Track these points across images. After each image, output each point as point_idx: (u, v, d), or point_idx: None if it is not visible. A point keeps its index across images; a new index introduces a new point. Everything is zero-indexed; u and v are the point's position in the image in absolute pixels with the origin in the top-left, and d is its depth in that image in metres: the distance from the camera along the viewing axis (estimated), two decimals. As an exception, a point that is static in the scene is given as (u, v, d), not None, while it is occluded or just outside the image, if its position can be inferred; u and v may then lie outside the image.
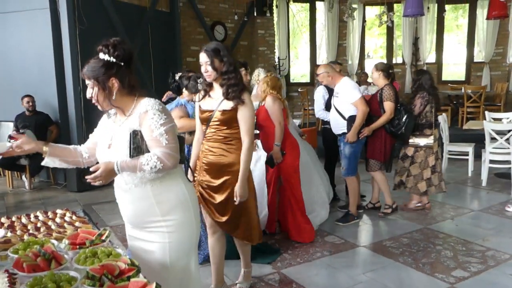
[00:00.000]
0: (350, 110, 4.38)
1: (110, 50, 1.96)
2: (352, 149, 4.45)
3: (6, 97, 6.87)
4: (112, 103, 1.98)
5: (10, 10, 6.46)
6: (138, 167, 1.89)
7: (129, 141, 1.93)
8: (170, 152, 1.92)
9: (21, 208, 5.51)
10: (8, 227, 2.35)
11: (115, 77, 1.94)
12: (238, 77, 2.71)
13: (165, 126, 1.93)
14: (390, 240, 4.13)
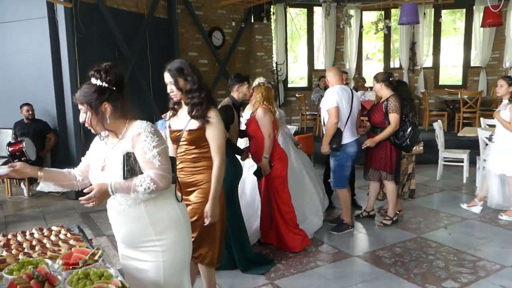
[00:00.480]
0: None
1: (102, 75, 2.00)
2: (336, 162, 4.46)
3: (5, 104, 6.93)
4: (106, 126, 2.02)
5: (9, 20, 6.53)
6: (132, 188, 1.94)
7: (123, 163, 1.98)
8: (163, 174, 1.98)
9: (19, 217, 5.56)
10: (4, 245, 2.40)
11: (107, 102, 1.99)
12: (202, 95, 2.63)
13: (158, 148, 1.98)
14: (383, 249, 4.18)
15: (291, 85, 13.11)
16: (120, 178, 1.98)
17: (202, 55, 9.50)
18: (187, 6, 9.03)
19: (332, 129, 4.32)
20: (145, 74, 7.87)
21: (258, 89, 4.13)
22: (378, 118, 4.60)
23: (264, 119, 3.93)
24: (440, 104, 10.52)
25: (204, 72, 9.49)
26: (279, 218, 4.11)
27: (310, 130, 9.64)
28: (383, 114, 4.55)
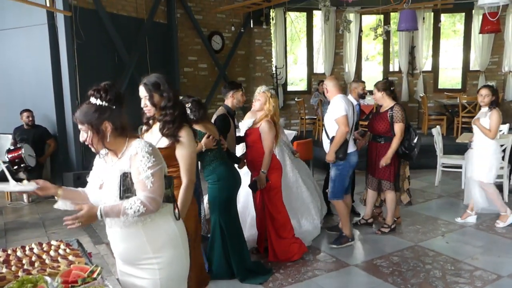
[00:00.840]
0: (334, 130, 4.28)
1: (102, 94, 2.01)
2: (338, 171, 4.37)
3: (5, 110, 6.97)
4: (106, 145, 2.04)
5: (9, 27, 6.56)
6: (121, 212, 1.95)
7: (119, 183, 2.00)
8: (153, 196, 1.99)
9: (19, 224, 5.58)
10: (4, 261, 2.43)
11: (108, 121, 2.00)
12: (175, 113, 2.57)
13: (153, 169, 2.00)
14: (381, 258, 4.21)
15: (291, 86, 13.14)
16: (117, 197, 2.00)
17: (202, 59, 9.52)
18: (186, 11, 9.06)
19: (342, 138, 4.23)
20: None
21: (264, 97, 4.04)
22: (382, 127, 4.60)
23: (269, 134, 3.91)
24: (440, 108, 10.54)
25: (204, 76, 9.54)
26: (272, 231, 4.10)
27: (309, 133, 9.68)
28: (388, 124, 4.55)
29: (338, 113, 4.23)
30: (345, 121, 4.20)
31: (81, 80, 6.55)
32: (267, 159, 3.93)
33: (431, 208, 5.74)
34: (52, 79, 6.48)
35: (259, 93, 4.10)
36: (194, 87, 9.28)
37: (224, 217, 3.67)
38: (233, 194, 3.77)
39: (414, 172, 7.23)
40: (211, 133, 3.55)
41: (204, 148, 3.46)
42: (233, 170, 3.77)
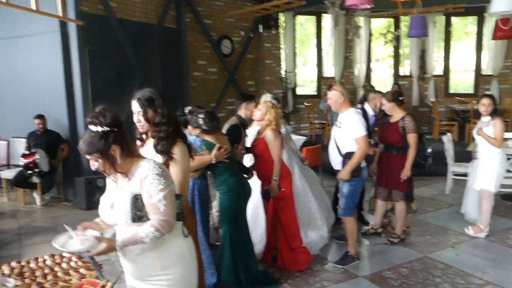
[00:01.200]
0: (349, 146, 4.09)
1: (101, 120, 2.00)
2: (351, 187, 4.18)
3: (19, 115, 7.07)
4: (117, 169, 2.05)
5: (22, 34, 6.65)
6: (138, 241, 2.01)
7: (131, 206, 2.03)
8: (167, 219, 2.03)
9: (33, 228, 5.66)
10: (18, 274, 2.48)
11: (114, 144, 2.01)
12: (169, 130, 2.53)
13: (164, 191, 2.02)
14: (390, 270, 4.19)
15: (301, 88, 13.12)
16: (128, 219, 2.03)
17: (211, 64, 9.56)
18: (195, 16, 9.09)
19: (362, 159, 4.08)
20: (155, 85, 7.85)
21: (265, 107, 4.11)
22: (394, 137, 4.58)
23: (275, 143, 3.94)
24: (451, 113, 10.45)
25: (213, 80, 9.58)
26: (283, 241, 4.14)
27: (318, 138, 9.67)
28: (399, 134, 4.53)
29: (358, 133, 4.03)
30: (366, 141, 4.06)
31: (92, 86, 6.62)
32: (278, 167, 3.95)
33: (441, 218, 5.69)
34: (64, 85, 6.55)
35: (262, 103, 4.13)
36: (204, 91, 9.33)
37: (234, 228, 3.69)
38: (243, 205, 3.79)
39: (424, 179, 7.21)
40: (223, 144, 3.58)
41: (214, 160, 3.49)
42: (243, 182, 3.80)
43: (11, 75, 7.13)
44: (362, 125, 4.08)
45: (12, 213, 6.32)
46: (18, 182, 6.53)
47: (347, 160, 4.07)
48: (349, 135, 4.08)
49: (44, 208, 6.53)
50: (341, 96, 4.10)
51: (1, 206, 6.66)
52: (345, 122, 4.12)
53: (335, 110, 4.28)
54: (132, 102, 2.54)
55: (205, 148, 3.53)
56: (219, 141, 3.58)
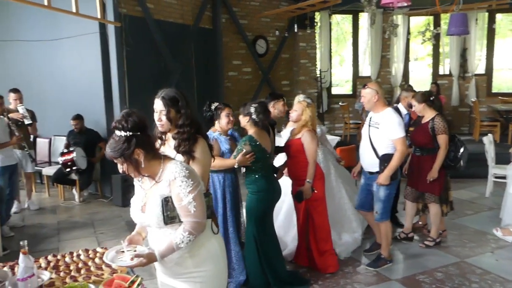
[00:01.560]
0: (386, 147, 3.94)
1: (123, 125, 2.02)
2: (388, 191, 4.02)
3: (60, 114, 7.34)
4: (142, 172, 2.08)
5: (64, 36, 6.89)
6: (175, 248, 2.05)
7: (162, 209, 2.06)
8: (198, 220, 2.06)
9: (71, 223, 5.89)
10: (54, 267, 2.58)
11: (138, 148, 2.03)
12: (192, 131, 2.50)
13: (193, 192, 2.04)
14: (424, 274, 4.08)
15: (336, 88, 12.97)
16: (161, 222, 2.07)
17: (246, 63, 9.61)
18: (231, 16, 9.17)
19: (401, 161, 3.97)
20: (190, 84, 8.07)
21: (300, 107, 4.04)
22: (423, 139, 4.46)
23: (312, 145, 3.90)
24: (493, 114, 10.05)
25: (247, 80, 9.62)
26: (314, 243, 4.10)
27: (353, 138, 9.52)
28: (429, 135, 4.41)
29: (397, 133, 3.88)
30: (405, 142, 3.94)
31: (129, 86, 6.79)
32: (312, 169, 3.90)
33: (480, 222, 5.48)
34: (102, 85, 6.75)
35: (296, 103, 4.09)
36: (238, 91, 9.39)
37: (258, 228, 3.68)
38: (271, 206, 3.79)
39: (462, 181, 6.99)
40: (263, 142, 3.60)
41: (237, 165, 3.53)
42: (274, 183, 3.78)
43: (53, 75, 7.43)
44: (401, 126, 3.94)
45: (52, 208, 6.58)
46: (58, 178, 6.80)
47: (384, 162, 3.92)
48: (386, 136, 3.94)
49: (82, 204, 6.77)
50: (376, 95, 3.96)
51: (42, 201, 6.95)
52: (383, 122, 3.96)
53: (368, 109, 4.15)
54: (156, 101, 2.53)
55: (248, 143, 3.54)
56: (261, 139, 3.62)
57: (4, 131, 5.39)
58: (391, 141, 3.93)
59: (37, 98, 7.21)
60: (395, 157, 3.89)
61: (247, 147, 3.53)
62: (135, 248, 2.19)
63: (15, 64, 7.80)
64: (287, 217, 4.50)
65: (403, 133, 3.92)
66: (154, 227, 2.14)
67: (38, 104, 6.87)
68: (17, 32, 7.56)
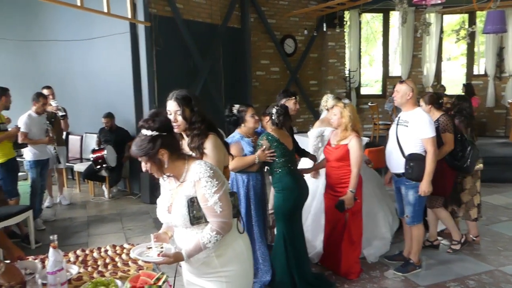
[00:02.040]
0: (414, 146, 3.78)
1: (150, 124, 2.04)
2: (417, 193, 3.83)
3: (91, 112, 7.52)
4: (165, 172, 2.09)
5: (96, 36, 7.05)
6: (202, 247, 2.05)
7: (188, 210, 2.06)
8: (225, 220, 2.05)
9: (100, 218, 6.02)
10: (82, 261, 2.62)
11: (162, 148, 2.03)
12: (202, 127, 2.55)
13: (218, 192, 2.03)
14: (455, 281, 3.94)
15: (365, 88, 12.78)
16: (187, 222, 2.07)
17: (274, 63, 9.58)
18: (260, 15, 9.15)
19: (435, 163, 3.75)
20: (218, 84, 8.10)
21: (338, 110, 3.88)
22: None
23: (359, 152, 3.75)
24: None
25: (275, 80, 9.59)
26: (347, 248, 3.99)
27: (382, 139, 9.33)
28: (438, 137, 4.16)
29: (427, 133, 3.72)
30: (435, 143, 3.76)
31: (158, 85, 6.87)
32: (356, 178, 3.74)
33: (516, 227, 5.28)
34: (132, 84, 6.86)
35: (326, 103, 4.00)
36: (265, 90, 9.37)
37: (288, 227, 3.65)
38: (298, 204, 3.73)
39: (497, 186, 6.78)
40: (283, 139, 3.58)
41: (257, 160, 3.52)
42: (299, 180, 3.74)
43: (86, 74, 7.61)
44: (432, 125, 3.77)
45: (83, 204, 6.74)
46: (89, 175, 6.96)
47: (410, 162, 3.76)
48: (416, 135, 3.77)
49: (111, 201, 6.90)
50: (410, 93, 3.79)
51: (73, 197, 7.14)
52: (413, 121, 3.80)
53: (399, 104, 3.96)
54: (168, 103, 2.56)
55: (265, 138, 3.55)
56: (282, 137, 3.61)
57: (42, 129, 5.63)
58: (419, 141, 3.76)
59: (70, 96, 7.40)
60: (428, 160, 3.72)
61: (265, 142, 3.54)
62: (161, 245, 2.20)
63: (50, 63, 8.03)
64: (315, 220, 4.43)
65: (434, 133, 3.75)
66: (181, 227, 2.15)
67: (71, 102, 7.05)
68: (51, 32, 7.78)
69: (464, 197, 4.61)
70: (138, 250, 2.20)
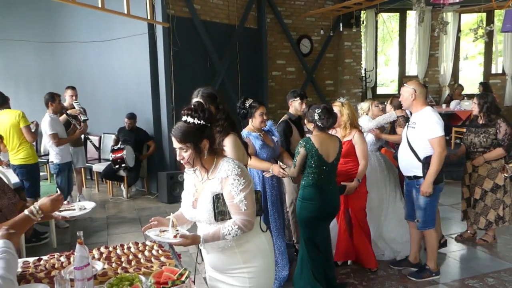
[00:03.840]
0: (425, 148, 3.70)
1: (200, 114, 2.08)
2: (429, 198, 3.74)
3: (110, 113, 7.65)
4: (203, 162, 2.13)
5: (115, 37, 7.15)
6: (221, 237, 2.09)
7: (213, 206, 2.11)
8: (248, 219, 2.09)
9: (119, 218, 6.12)
10: (106, 258, 2.69)
11: (206, 139, 2.10)
12: (225, 124, 2.61)
13: (244, 191, 2.08)
14: (474, 278, 3.93)
15: (381, 88, 12.68)
16: (211, 217, 2.11)
17: (290, 63, 9.60)
18: (276, 16, 9.19)
19: (441, 164, 3.65)
20: (234, 84, 8.16)
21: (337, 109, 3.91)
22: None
23: (364, 145, 3.96)
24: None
25: (291, 80, 9.61)
26: (362, 234, 4.07)
27: (399, 140, 9.29)
28: None
29: (434, 133, 3.63)
30: (443, 143, 3.65)
31: (175, 85, 6.96)
32: (364, 169, 3.94)
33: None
34: (150, 85, 6.95)
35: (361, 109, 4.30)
36: (282, 90, 9.38)
37: (305, 234, 3.56)
38: (318, 215, 3.50)
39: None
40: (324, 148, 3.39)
41: (271, 172, 3.55)
42: (324, 194, 3.48)
43: (105, 75, 7.74)
44: (440, 125, 3.65)
45: (102, 203, 6.85)
46: (107, 175, 7.07)
47: (428, 166, 3.65)
48: (423, 136, 3.69)
49: (130, 200, 7.00)
50: (413, 93, 3.73)
51: (92, 196, 7.26)
52: (420, 122, 3.74)
53: (406, 107, 3.95)
54: (194, 100, 2.61)
55: (303, 147, 3.39)
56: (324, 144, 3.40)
57: (64, 128, 5.75)
58: (427, 141, 3.68)
59: (90, 97, 7.53)
60: (433, 161, 3.62)
61: (301, 150, 3.39)
62: (176, 229, 2.25)
63: (70, 64, 8.19)
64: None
65: (441, 132, 3.64)
66: (204, 223, 2.19)
67: (90, 102, 7.16)
68: (72, 34, 7.94)
69: (508, 199, 4.53)
70: (153, 232, 2.25)
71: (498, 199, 4.50)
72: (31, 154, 5.12)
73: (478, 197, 4.56)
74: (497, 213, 4.52)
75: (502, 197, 4.50)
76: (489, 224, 4.56)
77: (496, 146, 4.40)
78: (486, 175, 4.49)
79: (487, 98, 4.49)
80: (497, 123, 4.40)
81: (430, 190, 3.68)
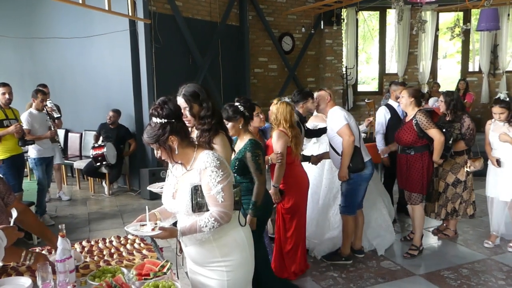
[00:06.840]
0: (340, 143, 3.97)
1: (159, 112, 2.11)
2: (349, 186, 4.04)
3: (91, 110, 7.59)
4: (175, 158, 2.18)
5: (96, 33, 7.10)
6: (197, 229, 2.12)
7: (191, 197, 2.15)
8: (225, 211, 2.12)
9: (101, 214, 6.10)
10: (88, 251, 2.71)
11: (172, 135, 2.12)
12: (213, 122, 2.56)
13: (222, 183, 2.11)
14: (449, 270, 4.06)
15: (363, 85, 12.85)
16: (189, 209, 2.15)
17: (272, 60, 9.67)
18: (258, 13, 9.24)
19: (351, 148, 3.88)
20: (217, 81, 8.19)
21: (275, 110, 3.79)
22: (408, 137, 4.26)
23: (277, 144, 3.63)
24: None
25: (273, 77, 9.68)
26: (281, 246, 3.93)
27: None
28: (415, 133, 4.20)
29: (339, 124, 3.92)
30: (349, 130, 3.88)
31: (157, 82, 6.95)
32: (278, 172, 3.64)
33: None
34: (132, 82, 6.93)
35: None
36: (264, 87, 9.46)
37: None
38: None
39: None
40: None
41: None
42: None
43: (86, 72, 7.68)
44: (342, 116, 3.93)
45: (83, 200, 6.82)
46: (89, 172, 7.03)
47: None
48: (333, 131, 3.99)
49: (112, 197, 6.98)
50: (328, 97, 4.09)
51: (74, 193, 7.22)
52: (329, 121, 4.08)
53: (321, 112, 4.25)
54: (177, 98, 2.56)
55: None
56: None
57: (45, 125, 5.74)
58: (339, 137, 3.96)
59: (70, 93, 7.47)
60: (343, 147, 3.91)
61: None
62: (155, 222, 2.29)
63: (50, 61, 8.11)
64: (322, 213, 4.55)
65: (344, 121, 3.89)
66: (183, 214, 2.23)
67: (71, 99, 7.12)
68: (51, 30, 7.84)
69: (466, 195, 4.68)
70: (133, 225, 2.28)
71: (457, 193, 4.67)
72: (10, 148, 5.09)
73: (441, 190, 4.72)
74: (454, 206, 4.70)
75: (461, 192, 4.66)
76: (446, 215, 4.75)
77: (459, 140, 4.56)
78: (449, 169, 4.65)
79: (452, 96, 4.64)
80: (462, 118, 4.57)
81: (344, 175, 3.96)
